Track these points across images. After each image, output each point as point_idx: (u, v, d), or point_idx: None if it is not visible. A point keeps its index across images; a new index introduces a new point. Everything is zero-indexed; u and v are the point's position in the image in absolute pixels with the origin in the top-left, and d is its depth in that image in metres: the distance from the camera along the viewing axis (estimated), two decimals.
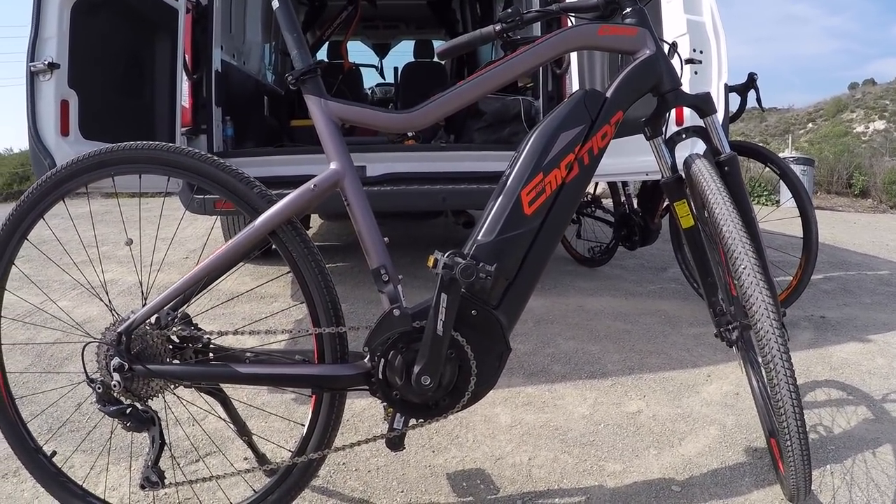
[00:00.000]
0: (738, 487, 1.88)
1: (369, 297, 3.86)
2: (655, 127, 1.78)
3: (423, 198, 3.56)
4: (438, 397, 1.53)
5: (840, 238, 6.36)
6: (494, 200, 1.54)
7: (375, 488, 1.91)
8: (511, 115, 4.31)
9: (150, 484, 1.57)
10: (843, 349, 2.99)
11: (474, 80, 1.59)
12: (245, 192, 1.54)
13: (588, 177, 1.57)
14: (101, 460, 2.03)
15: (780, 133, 25.31)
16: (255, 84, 5.19)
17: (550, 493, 1.88)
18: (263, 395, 2.51)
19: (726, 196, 1.65)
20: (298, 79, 1.55)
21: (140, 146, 1.57)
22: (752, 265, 1.55)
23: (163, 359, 1.56)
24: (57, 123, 2.87)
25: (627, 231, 4.39)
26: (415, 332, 1.50)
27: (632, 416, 2.34)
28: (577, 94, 1.59)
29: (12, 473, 2.00)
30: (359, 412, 2.36)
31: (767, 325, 1.52)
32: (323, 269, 1.54)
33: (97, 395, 1.55)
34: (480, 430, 2.24)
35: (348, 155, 1.55)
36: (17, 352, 3.01)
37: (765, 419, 1.97)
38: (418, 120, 1.58)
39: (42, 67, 2.79)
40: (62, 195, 1.62)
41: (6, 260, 1.64)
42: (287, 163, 3.71)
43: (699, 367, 2.80)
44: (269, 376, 1.61)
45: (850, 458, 2.01)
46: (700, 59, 2.77)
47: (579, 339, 3.19)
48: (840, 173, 11.70)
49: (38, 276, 4.45)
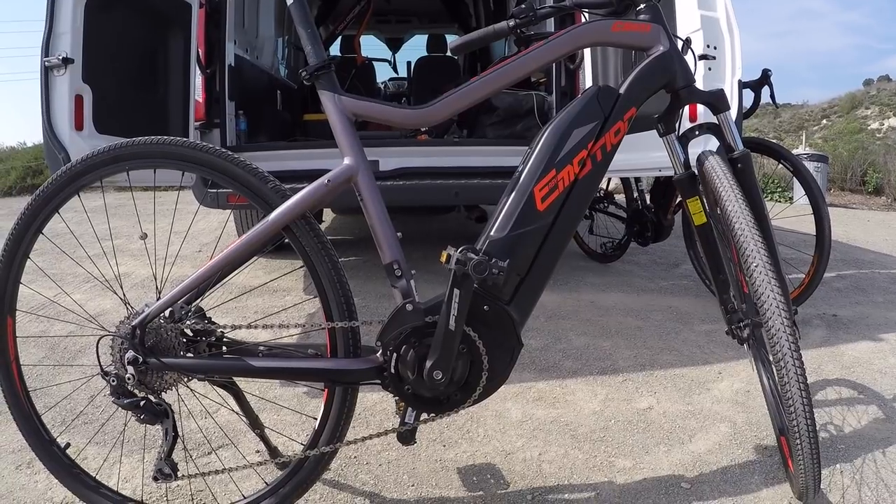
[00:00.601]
0: (748, 485, 1.88)
1: (381, 291, 3.88)
2: (669, 123, 1.78)
3: (435, 192, 3.57)
4: (450, 392, 1.53)
5: (853, 236, 6.33)
6: (507, 196, 1.54)
7: (386, 482, 1.92)
8: (524, 110, 4.30)
9: (162, 476, 1.58)
10: (854, 348, 2.98)
11: (488, 77, 1.59)
12: (259, 187, 1.55)
13: (601, 173, 1.57)
14: (114, 452, 2.05)
15: (794, 129, 25.12)
16: (268, 78, 5.21)
17: (560, 489, 1.89)
18: (276, 389, 2.53)
19: (739, 193, 1.65)
20: (312, 74, 1.55)
21: (154, 141, 1.58)
22: (763, 263, 1.54)
23: (176, 352, 1.57)
24: (71, 118, 2.89)
25: (640, 227, 4.38)
26: (427, 327, 1.51)
27: (642, 412, 2.34)
28: (591, 90, 1.59)
29: (26, 465, 2.02)
30: (370, 406, 2.37)
31: (778, 324, 1.51)
32: (336, 263, 1.55)
33: (111, 388, 1.56)
34: (491, 425, 2.25)
35: (362, 150, 1.56)
36: (31, 344, 3.04)
37: (775, 417, 1.97)
38: (432, 116, 1.58)
39: (56, 62, 2.82)
40: (77, 189, 1.63)
41: (21, 254, 1.65)
42: (300, 157, 3.72)
43: (710, 364, 2.80)
44: (282, 370, 1.62)
45: (860, 458, 2.00)
46: (714, 55, 2.77)
47: (591, 334, 3.19)
48: (854, 170, 11.61)
49: (51, 270, 4.48)
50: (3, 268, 1.65)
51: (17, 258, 1.65)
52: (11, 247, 1.64)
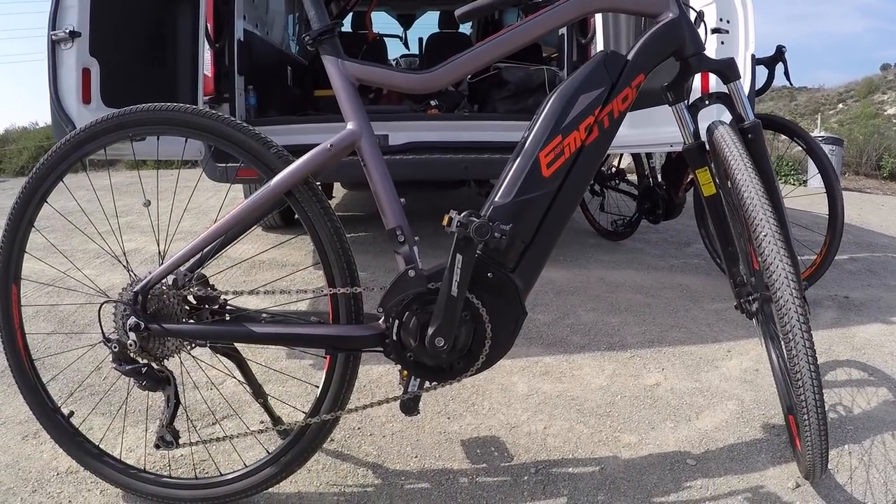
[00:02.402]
0: (755, 463, 1.87)
1: (390, 265, 3.86)
2: (678, 92, 1.74)
3: (445, 167, 3.54)
4: (452, 360, 1.51)
5: (867, 219, 6.26)
6: (512, 162, 1.51)
7: (390, 453, 1.92)
8: (535, 84, 4.27)
9: (164, 443, 1.59)
10: (866, 330, 2.94)
11: (493, 41, 1.56)
12: (261, 152, 1.53)
13: (608, 140, 1.54)
14: (118, 423, 2.05)
15: (810, 112, 24.85)
16: (278, 54, 5.19)
17: (565, 463, 1.88)
18: (281, 361, 2.53)
19: (749, 163, 1.62)
20: (316, 39, 1.53)
21: (157, 107, 1.57)
22: (773, 233, 1.51)
23: (179, 319, 1.57)
24: (79, 91, 2.89)
25: (651, 204, 4.34)
26: (429, 294, 1.49)
27: (649, 388, 2.33)
28: (598, 55, 1.56)
29: (32, 435, 2.03)
30: (375, 378, 2.37)
31: (787, 295, 1.49)
32: (339, 229, 1.54)
33: (113, 355, 1.56)
34: (496, 398, 2.24)
35: (366, 115, 1.54)
36: (41, 318, 3.05)
37: (783, 395, 1.95)
38: (436, 80, 1.55)
39: (63, 36, 2.81)
40: (81, 157, 1.62)
41: (26, 222, 1.64)
42: (310, 131, 3.69)
43: (720, 342, 2.78)
44: (284, 336, 1.60)
45: (868, 439, 1.98)
46: (727, 28, 2.72)
47: (599, 310, 3.18)
48: (869, 155, 11.50)
49: (60, 247, 4.50)
50: (8, 236, 1.65)
51: (21, 226, 1.65)
52: (16, 215, 1.64)
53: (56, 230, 4.67)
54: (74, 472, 1.82)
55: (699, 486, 1.76)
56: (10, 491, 1.75)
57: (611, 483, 1.78)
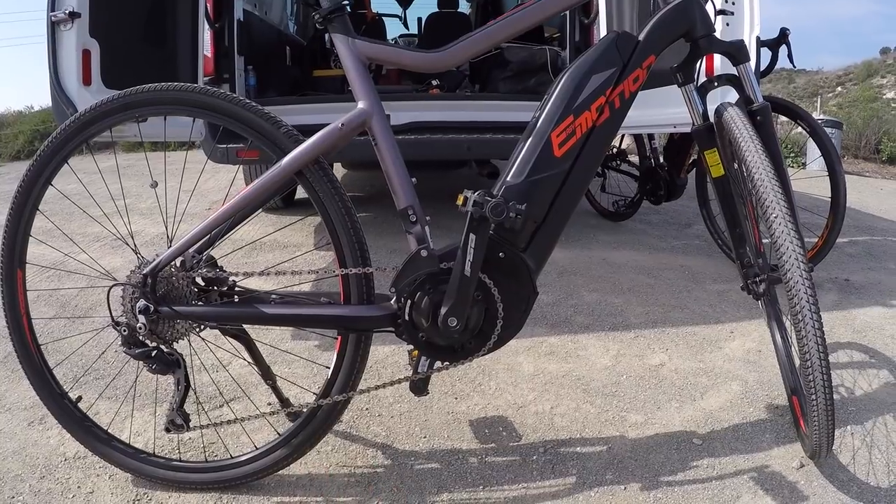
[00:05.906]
0: (759, 443, 1.88)
1: (393, 245, 3.87)
2: (687, 73, 1.74)
3: (447, 147, 3.53)
4: (464, 340, 1.52)
5: (867, 203, 6.26)
6: (524, 142, 1.51)
7: (398, 434, 1.93)
8: (537, 64, 4.26)
9: (174, 427, 1.58)
10: (867, 313, 2.95)
11: (504, 21, 1.55)
12: (271, 132, 1.52)
13: (619, 120, 1.54)
14: (126, 406, 2.05)
15: (809, 95, 24.86)
16: (277, 34, 5.16)
17: (572, 442, 1.89)
18: (288, 342, 2.53)
19: (759, 144, 1.61)
20: (325, 17, 1.52)
21: (166, 87, 1.55)
22: (783, 213, 1.51)
23: (188, 301, 1.56)
24: (79, 73, 2.87)
25: (653, 185, 4.33)
26: (442, 274, 1.49)
27: (654, 368, 2.33)
28: (609, 36, 1.55)
29: (38, 421, 2.02)
30: (381, 359, 2.37)
31: (797, 275, 1.48)
32: (350, 209, 1.53)
33: (122, 338, 1.55)
34: (503, 378, 2.25)
35: (376, 94, 1.53)
36: (42, 302, 3.04)
37: (787, 377, 1.96)
38: (447, 60, 1.55)
39: (63, 17, 2.78)
40: (86, 139, 1.61)
41: (31, 205, 1.63)
42: (310, 111, 3.69)
43: (722, 322, 2.78)
44: (295, 317, 1.60)
45: (870, 420, 1.99)
46: (732, 10, 2.70)
47: (602, 291, 3.18)
48: (868, 138, 11.47)
49: (63, 229, 4.47)
50: (13, 220, 1.63)
51: (26, 210, 1.63)
52: (21, 199, 1.63)
53: (54, 213, 4.65)
54: (82, 457, 1.81)
55: (705, 465, 1.78)
56: (19, 477, 1.75)
57: (618, 462, 1.79)
